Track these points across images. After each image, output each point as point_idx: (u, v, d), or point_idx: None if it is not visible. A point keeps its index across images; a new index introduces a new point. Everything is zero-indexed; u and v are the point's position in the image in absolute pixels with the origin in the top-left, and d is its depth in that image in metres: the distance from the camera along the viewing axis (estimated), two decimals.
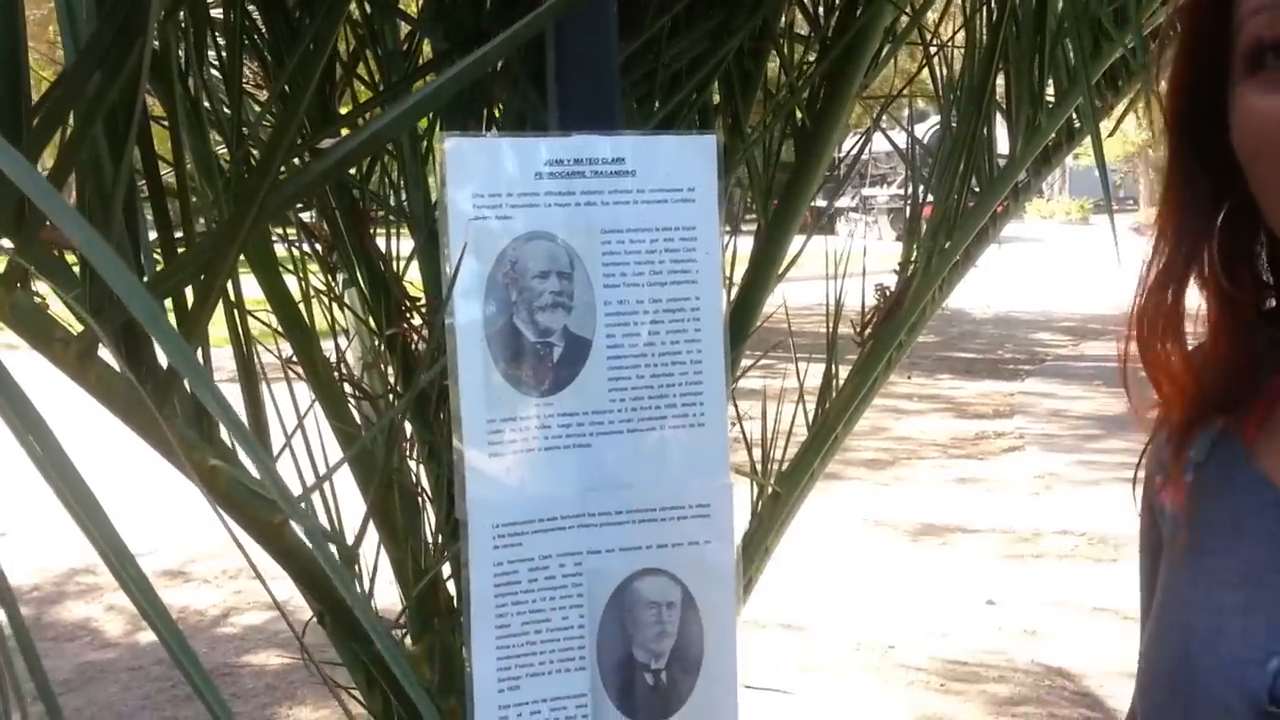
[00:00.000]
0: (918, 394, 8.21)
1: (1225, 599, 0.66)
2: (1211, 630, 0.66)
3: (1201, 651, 0.66)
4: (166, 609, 0.42)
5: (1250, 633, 0.63)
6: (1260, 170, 0.60)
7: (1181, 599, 0.69)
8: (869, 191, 20.69)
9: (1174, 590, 0.71)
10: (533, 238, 0.99)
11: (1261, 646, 0.62)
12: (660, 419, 1.04)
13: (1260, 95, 0.59)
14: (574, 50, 1.01)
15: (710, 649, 1.08)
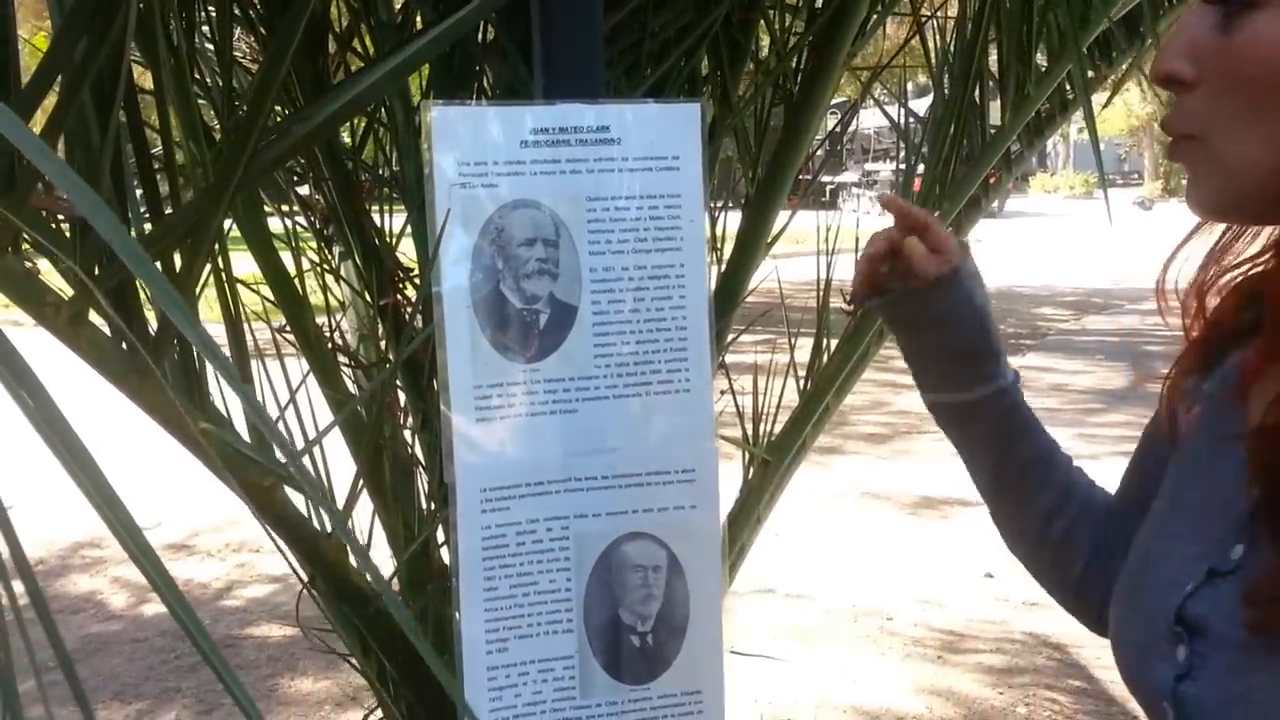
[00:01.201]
0: None
1: (1183, 526, 0.70)
2: (1164, 552, 0.70)
3: (1151, 569, 0.70)
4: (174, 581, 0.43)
5: (1187, 559, 0.67)
6: None
7: (1155, 520, 0.73)
8: (872, 167, 20.64)
9: (1155, 512, 0.74)
10: (518, 205, 1.00)
11: (1188, 571, 0.66)
12: (645, 385, 1.05)
13: None
14: (558, 19, 1.01)
15: (695, 612, 1.09)
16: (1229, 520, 0.66)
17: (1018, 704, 3.31)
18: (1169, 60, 0.64)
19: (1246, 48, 0.60)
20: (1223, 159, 0.63)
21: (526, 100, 1.18)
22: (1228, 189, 0.64)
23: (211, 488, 1.04)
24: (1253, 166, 0.62)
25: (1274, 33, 0.59)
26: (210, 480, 0.91)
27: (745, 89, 1.49)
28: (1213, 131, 0.63)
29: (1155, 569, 0.70)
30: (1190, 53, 0.63)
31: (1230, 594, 0.63)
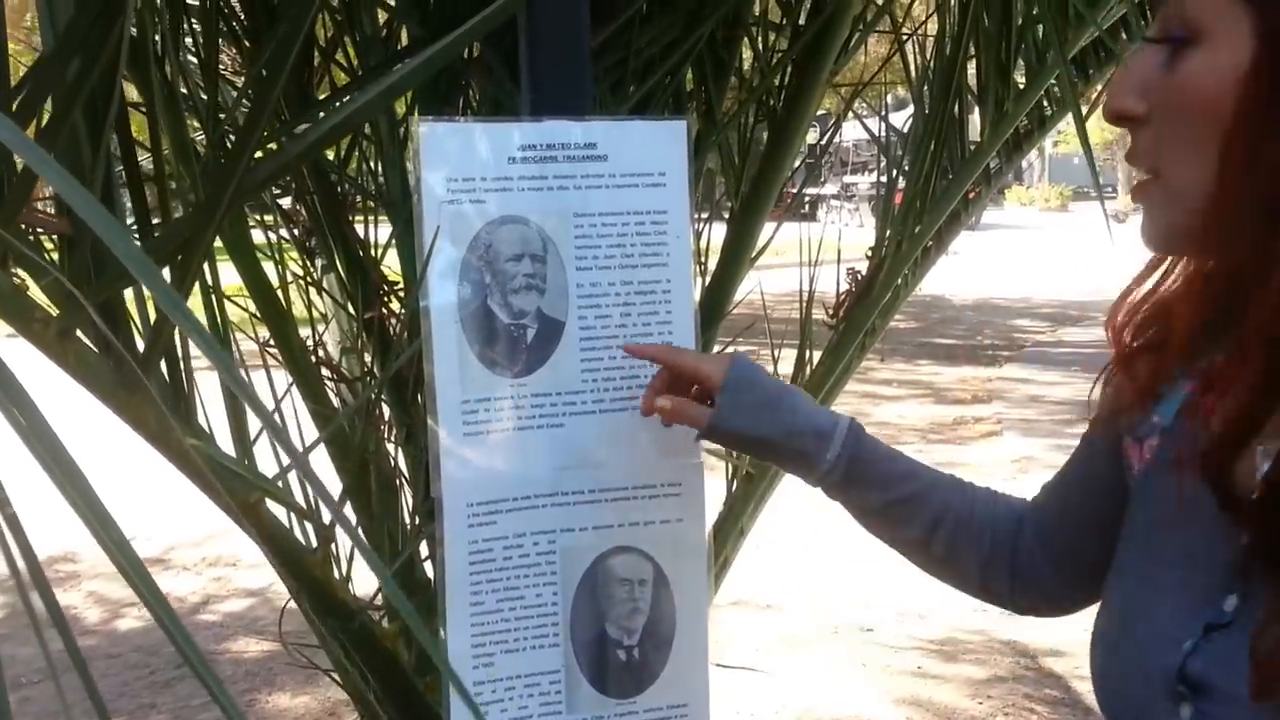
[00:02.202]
0: (897, 379, 8.25)
1: (1165, 576, 0.69)
2: (1148, 604, 0.69)
3: (1138, 621, 0.69)
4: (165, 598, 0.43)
5: (1177, 611, 0.66)
6: None
7: (1131, 571, 0.73)
8: (851, 179, 20.75)
9: (1128, 558, 0.74)
10: (506, 221, 1.01)
11: (1183, 625, 0.65)
12: (632, 399, 1.06)
13: None
14: (546, 36, 1.02)
15: (682, 625, 1.10)
16: (1215, 569, 0.65)
17: (997, 714, 3.33)
18: (1120, 97, 0.66)
19: (1185, 82, 0.63)
20: (1174, 191, 0.65)
21: (513, 115, 1.19)
22: (1177, 220, 0.66)
23: (187, 501, 1.04)
24: (1195, 198, 0.63)
25: (1209, 67, 0.61)
26: (186, 494, 0.91)
27: (730, 105, 1.50)
28: (1163, 166, 0.65)
29: (1146, 621, 0.69)
30: (1140, 89, 0.65)
31: (1230, 649, 0.62)
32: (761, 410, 0.93)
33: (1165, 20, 0.65)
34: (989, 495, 0.95)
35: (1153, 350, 0.75)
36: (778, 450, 0.95)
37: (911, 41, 1.77)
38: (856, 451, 0.92)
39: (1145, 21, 2.02)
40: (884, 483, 0.93)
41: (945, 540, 0.92)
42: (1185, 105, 0.63)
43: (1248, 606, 0.62)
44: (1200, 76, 0.62)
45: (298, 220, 1.73)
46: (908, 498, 0.93)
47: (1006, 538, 0.91)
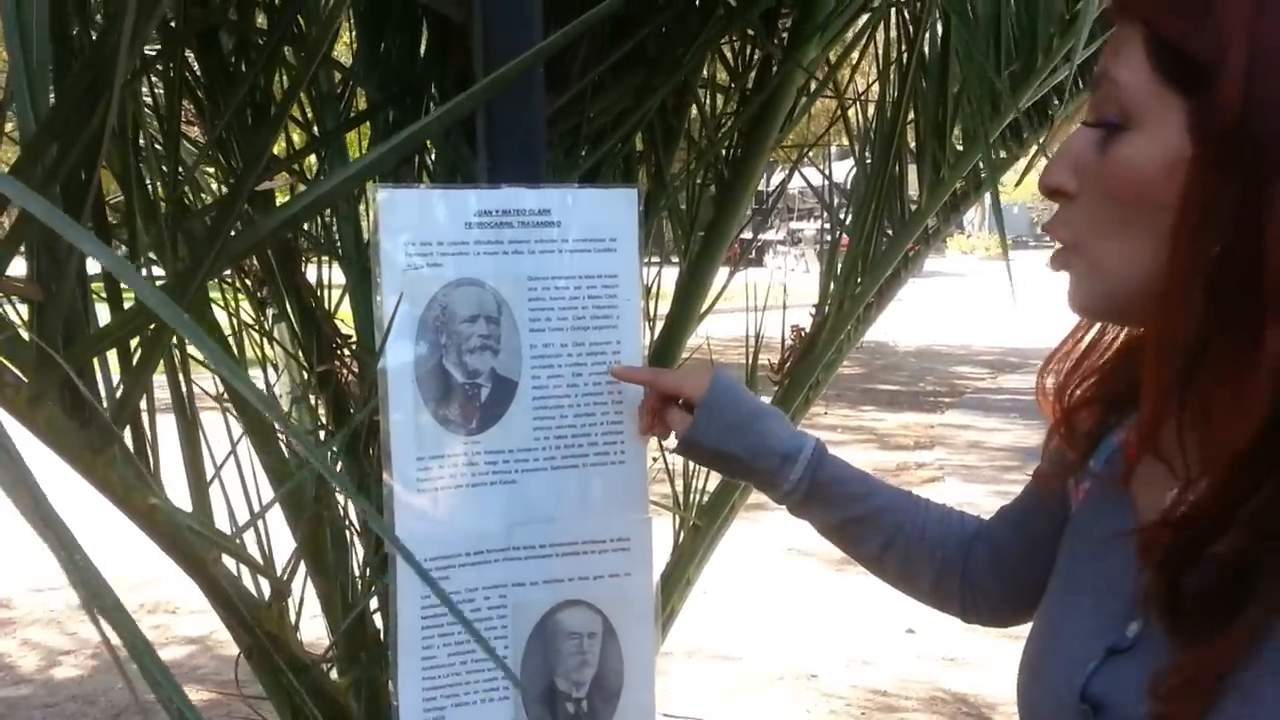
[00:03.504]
0: (842, 425, 8.35)
1: (1080, 603, 0.75)
2: (1063, 629, 0.75)
3: (1053, 646, 0.75)
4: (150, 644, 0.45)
5: (1087, 636, 0.72)
6: None
7: (1057, 597, 0.79)
8: (796, 225, 21.03)
9: (1052, 589, 0.80)
10: (462, 284, 1.04)
11: (1090, 648, 0.71)
12: (582, 457, 1.09)
13: None
14: (502, 110, 1.06)
15: (629, 677, 1.12)
16: (1124, 598, 0.70)
17: None
18: (1054, 174, 0.70)
19: (1117, 165, 0.66)
20: (1096, 264, 0.69)
21: (469, 178, 1.22)
22: (1100, 293, 0.69)
23: (124, 546, 1.04)
24: (1122, 272, 0.67)
25: (1140, 153, 0.65)
26: (124, 539, 0.92)
27: (680, 167, 1.56)
28: (1087, 240, 0.69)
29: (1059, 645, 0.74)
30: (1073, 167, 0.69)
31: (1129, 671, 0.67)
32: (733, 430, 1.00)
33: (1100, 104, 0.68)
34: (942, 514, 1.02)
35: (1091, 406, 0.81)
36: (744, 468, 1.02)
37: (855, 105, 1.84)
38: (817, 475, 0.99)
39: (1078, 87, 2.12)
40: (841, 504, 1.00)
41: (898, 558, 1.00)
42: (1115, 187, 0.66)
43: (1148, 633, 0.68)
44: (1131, 162, 0.65)
45: (250, 270, 1.75)
46: (861, 518, 1.00)
47: (957, 557, 0.99)
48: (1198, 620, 0.63)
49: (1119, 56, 0.66)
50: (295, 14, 1.31)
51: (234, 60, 1.38)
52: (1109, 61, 0.67)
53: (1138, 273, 0.66)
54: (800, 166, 1.82)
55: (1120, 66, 0.66)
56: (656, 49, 1.34)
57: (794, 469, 0.99)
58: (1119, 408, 0.80)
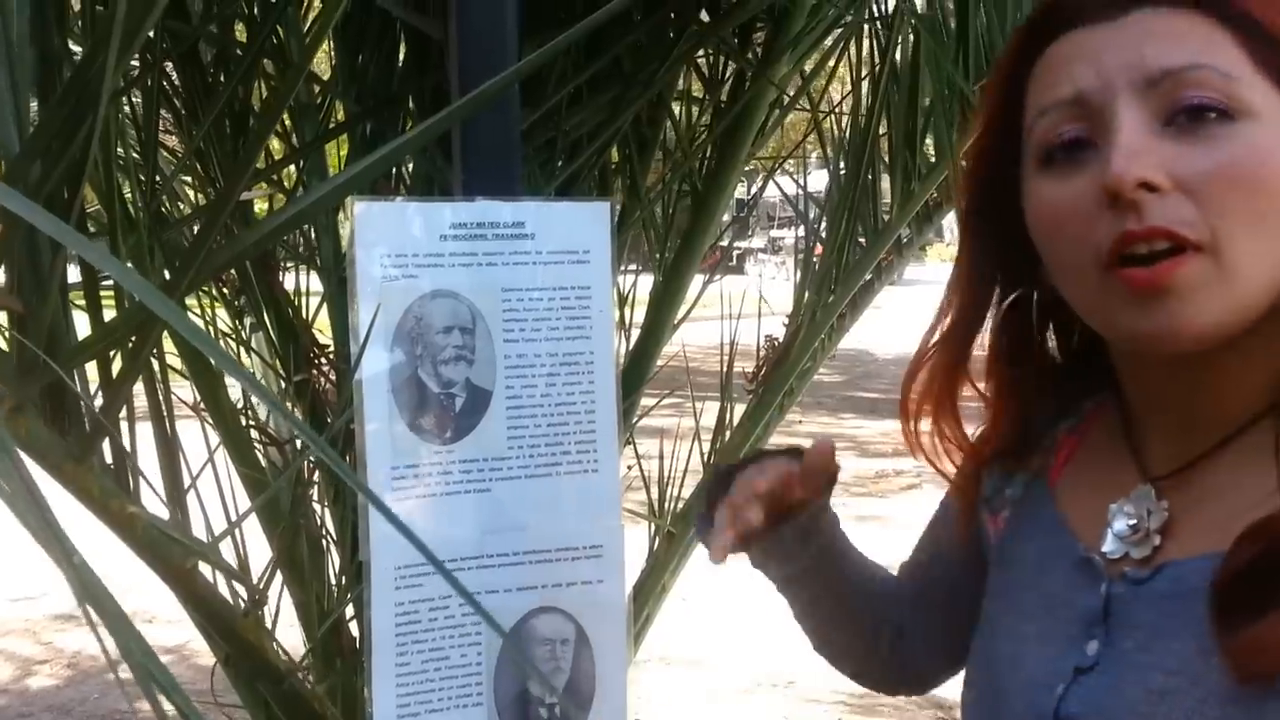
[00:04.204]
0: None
1: (1027, 628, 0.74)
2: (1015, 656, 0.74)
3: (1007, 674, 0.74)
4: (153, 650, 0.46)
5: (1044, 659, 0.72)
6: (1052, 252, 0.69)
7: (995, 627, 0.78)
8: (777, 233, 21.11)
9: (991, 618, 0.80)
10: (437, 295, 1.06)
11: (1052, 671, 0.70)
12: (556, 465, 1.11)
13: (1050, 185, 0.67)
14: (477, 124, 1.08)
15: (601, 683, 1.14)
16: (1076, 618, 0.70)
17: None
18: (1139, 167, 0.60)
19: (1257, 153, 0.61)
20: (1233, 269, 0.61)
21: (444, 190, 1.24)
22: (1235, 304, 0.62)
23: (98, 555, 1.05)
24: (1259, 278, 0.62)
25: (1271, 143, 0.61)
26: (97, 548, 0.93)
27: (655, 178, 1.58)
28: (1224, 240, 0.60)
29: (1014, 674, 0.73)
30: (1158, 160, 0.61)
31: (1098, 689, 0.67)
32: None
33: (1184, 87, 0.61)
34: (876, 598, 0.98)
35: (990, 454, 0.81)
36: None
37: (829, 117, 1.86)
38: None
39: None
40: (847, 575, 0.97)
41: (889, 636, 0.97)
42: (1264, 176, 0.60)
43: (1109, 650, 0.68)
44: (1272, 150, 0.60)
45: (227, 279, 1.76)
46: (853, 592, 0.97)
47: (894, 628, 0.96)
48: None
49: (1208, 50, 0.62)
50: (274, 27, 1.33)
51: (213, 72, 1.40)
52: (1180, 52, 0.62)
53: (1271, 272, 0.62)
54: (778, 176, 1.85)
55: (1217, 58, 0.61)
56: (631, 63, 1.36)
57: None
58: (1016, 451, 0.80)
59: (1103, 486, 0.74)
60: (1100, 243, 0.63)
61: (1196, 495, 0.69)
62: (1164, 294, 0.61)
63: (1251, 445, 0.67)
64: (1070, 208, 0.65)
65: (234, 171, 0.73)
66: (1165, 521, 0.69)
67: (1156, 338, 0.63)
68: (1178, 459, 0.70)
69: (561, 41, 0.77)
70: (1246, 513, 0.64)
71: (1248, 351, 0.66)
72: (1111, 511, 0.71)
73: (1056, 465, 0.78)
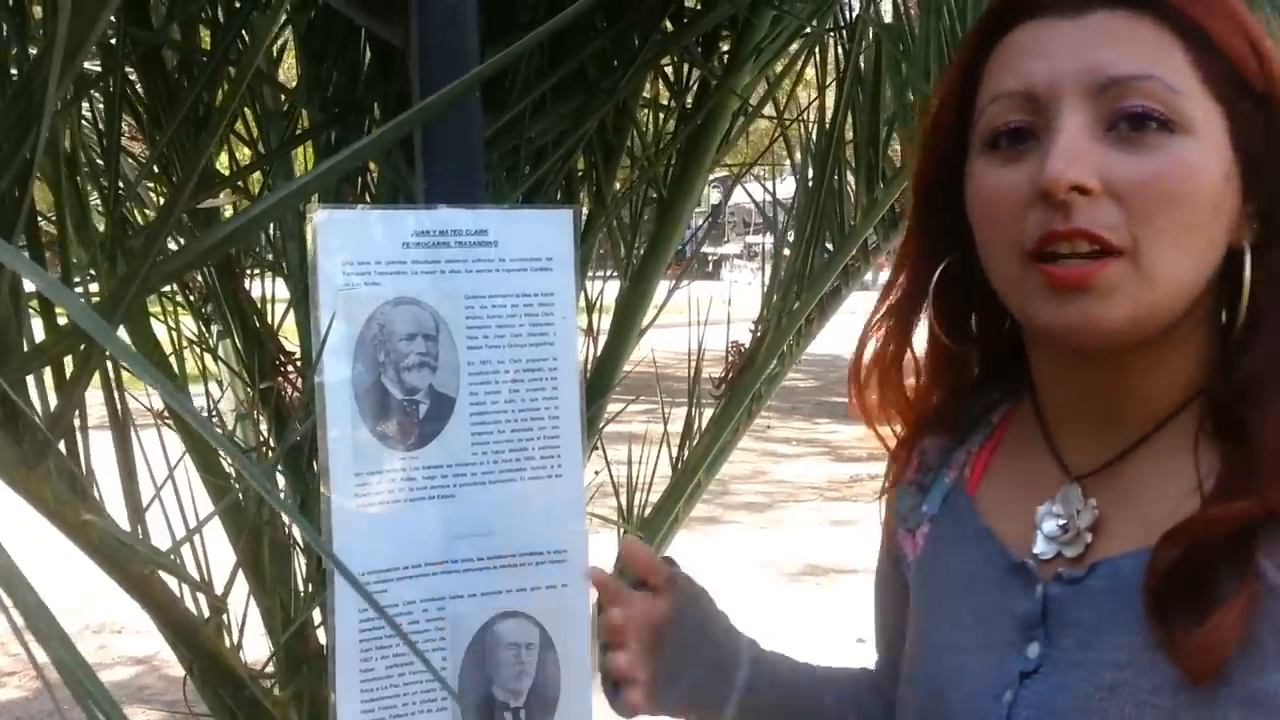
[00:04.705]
0: (796, 438, 8.43)
1: (965, 639, 0.74)
2: (955, 668, 0.74)
3: (949, 688, 0.74)
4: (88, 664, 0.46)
5: (986, 668, 0.72)
6: (983, 233, 0.70)
7: (929, 642, 0.78)
8: (753, 239, 21.19)
9: (923, 635, 0.79)
10: (400, 302, 1.06)
11: (996, 679, 0.71)
12: (520, 471, 1.11)
13: (990, 169, 0.69)
14: (440, 130, 1.08)
15: (566, 687, 1.14)
16: (1014, 624, 0.71)
17: None
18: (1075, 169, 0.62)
19: (1185, 167, 0.63)
20: (1151, 271, 0.63)
21: (409, 196, 1.24)
22: (1151, 303, 0.64)
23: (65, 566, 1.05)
24: (1176, 280, 0.64)
25: (1205, 159, 0.63)
26: (66, 560, 0.93)
27: (621, 184, 1.59)
28: (1143, 244, 0.63)
29: (955, 686, 0.73)
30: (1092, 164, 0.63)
31: (1046, 690, 0.68)
32: None
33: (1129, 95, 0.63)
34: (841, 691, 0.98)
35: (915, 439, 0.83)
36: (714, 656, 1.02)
37: (796, 123, 1.88)
38: None
39: None
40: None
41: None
42: (1185, 190, 0.63)
43: (1050, 650, 0.69)
44: (1200, 166, 0.63)
45: (193, 285, 1.75)
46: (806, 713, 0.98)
47: None
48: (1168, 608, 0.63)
49: (1156, 57, 0.63)
50: (239, 32, 1.33)
51: (177, 77, 1.39)
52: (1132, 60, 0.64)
53: (1186, 280, 0.64)
54: (750, 182, 1.86)
55: (1165, 70, 0.63)
56: (596, 71, 1.37)
57: None
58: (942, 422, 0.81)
59: (1026, 490, 0.74)
60: (1028, 234, 0.65)
61: (1123, 491, 0.70)
62: (1080, 291, 0.64)
63: (1172, 440, 0.68)
64: (1005, 195, 0.67)
65: (187, 169, 0.73)
66: (1096, 519, 0.70)
67: (1068, 331, 0.66)
68: (1100, 456, 0.71)
69: (522, 45, 0.78)
70: (1175, 505, 0.65)
71: (1162, 352, 0.68)
72: (1039, 514, 0.72)
73: (973, 477, 0.79)
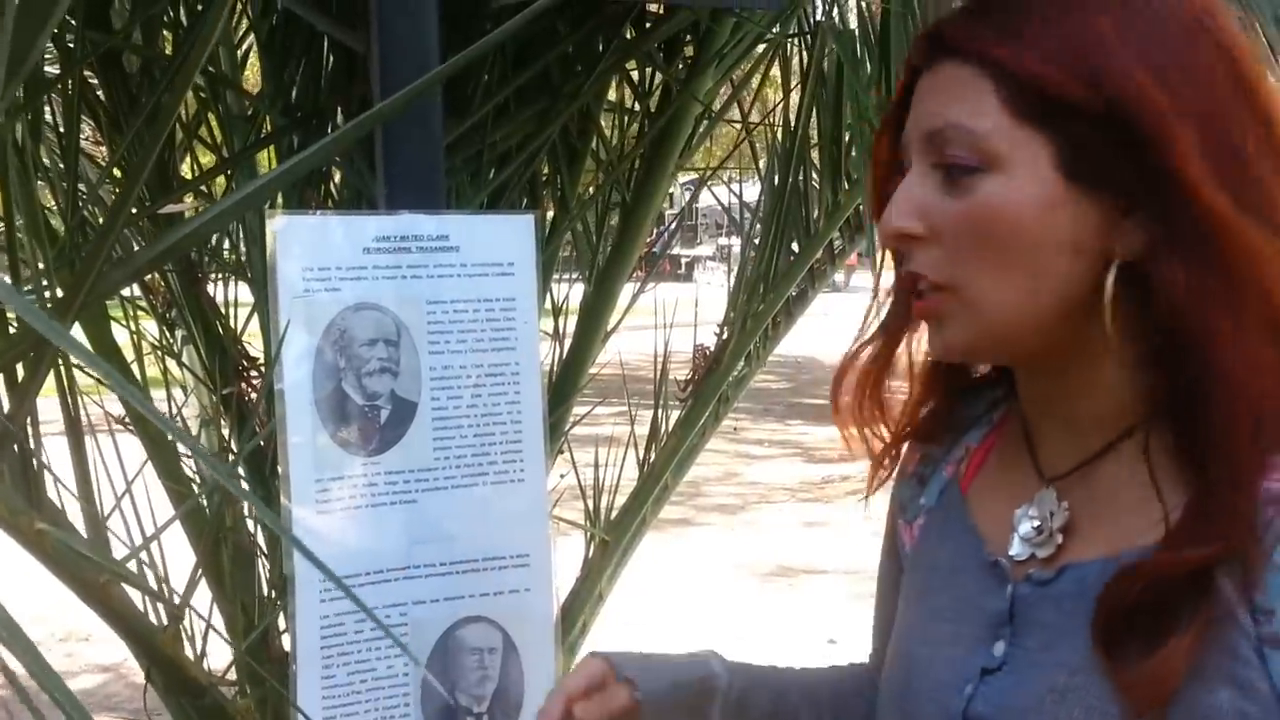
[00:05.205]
0: (769, 439, 8.45)
1: (941, 631, 0.77)
2: (927, 659, 0.77)
3: (918, 676, 0.76)
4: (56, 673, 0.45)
5: (954, 661, 0.74)
6: None
7: (910, 631, 0.81)
8: (725, 241, 21.26)
9: (905, 622, 0.82)
10: (361, 308, 1.06)
11: (960, 672, 0.73)
12: (483, 475, 1.11)
13: None
14: (400, 135, 1.08)
15: (530, 691, 1.14)
16: (985, 620, 0.73)
17: None
18: (900, 220, 0.69)
19: (987, 207, 0.67)
20: (972, 303, 0.69)
21: (373, 202, 1.24)
22: (979, 331, 0.69)
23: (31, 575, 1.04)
24: (1000, 309, 0.68)
25: (1010, 194, 0.66)
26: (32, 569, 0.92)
27: (585, 188, 1.59)
28: (960, 280, 0.69)
29: (925, 673, 0.76)
30: (918, 212, 0.69)
31: (1005, 689, 0.70)
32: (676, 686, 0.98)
33: (941, 148, 0.68)
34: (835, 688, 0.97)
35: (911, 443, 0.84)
36: None
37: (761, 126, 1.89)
38: None
39: None
40: None
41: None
42: (988, 228, 0.67)
43: (1015, 650, 0.71)
44: (1003, 202, 0.66)
45: (157, 290, 1.74)
46: None
47: None
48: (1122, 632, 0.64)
49: (965, 104, 0.67)
50: (200, 36, 1.32)
51: (139, 81, 1.39)
52: (948, 109, 0.68)
53: (1015, 307, 0.68)
54: (719, 185, 1.87)
55: (970, 114, 0.67)
56: (560, 76, 1.37)
57: None
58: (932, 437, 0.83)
59: (1010, 491, 0.76)
60: None
61: (1091, 494, 0.71)
62: (929, 321, 0.72)
63: (1136, 445, 0.70)
64: None
65: (137, 167, 0.73)
66: (1067, 521, 0.71)
67: (934, 353, 0.74)
68: (1073, 459, 0.73)
69: (481, 46, 0.78)
70: (1141, 514, 0.67)
71: (1081, 366, 0.70)
72: (1017, 516, 0.74)
73: (969, 473, 0.81)
